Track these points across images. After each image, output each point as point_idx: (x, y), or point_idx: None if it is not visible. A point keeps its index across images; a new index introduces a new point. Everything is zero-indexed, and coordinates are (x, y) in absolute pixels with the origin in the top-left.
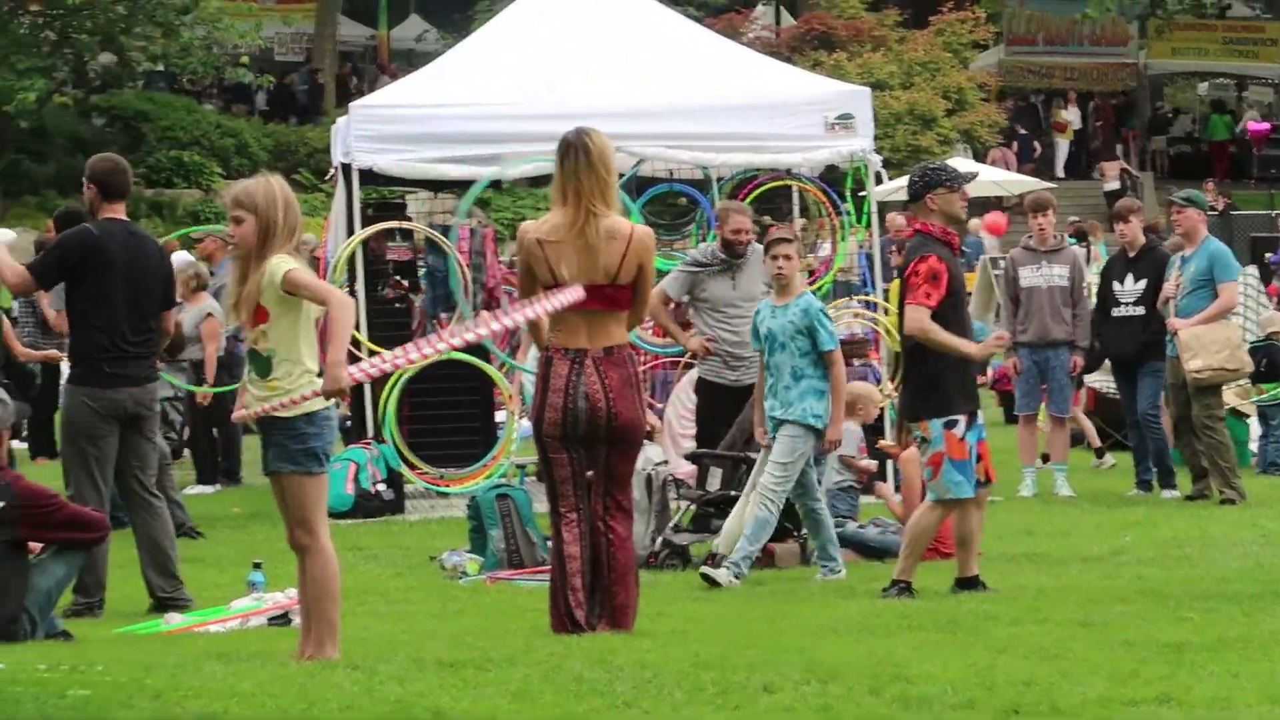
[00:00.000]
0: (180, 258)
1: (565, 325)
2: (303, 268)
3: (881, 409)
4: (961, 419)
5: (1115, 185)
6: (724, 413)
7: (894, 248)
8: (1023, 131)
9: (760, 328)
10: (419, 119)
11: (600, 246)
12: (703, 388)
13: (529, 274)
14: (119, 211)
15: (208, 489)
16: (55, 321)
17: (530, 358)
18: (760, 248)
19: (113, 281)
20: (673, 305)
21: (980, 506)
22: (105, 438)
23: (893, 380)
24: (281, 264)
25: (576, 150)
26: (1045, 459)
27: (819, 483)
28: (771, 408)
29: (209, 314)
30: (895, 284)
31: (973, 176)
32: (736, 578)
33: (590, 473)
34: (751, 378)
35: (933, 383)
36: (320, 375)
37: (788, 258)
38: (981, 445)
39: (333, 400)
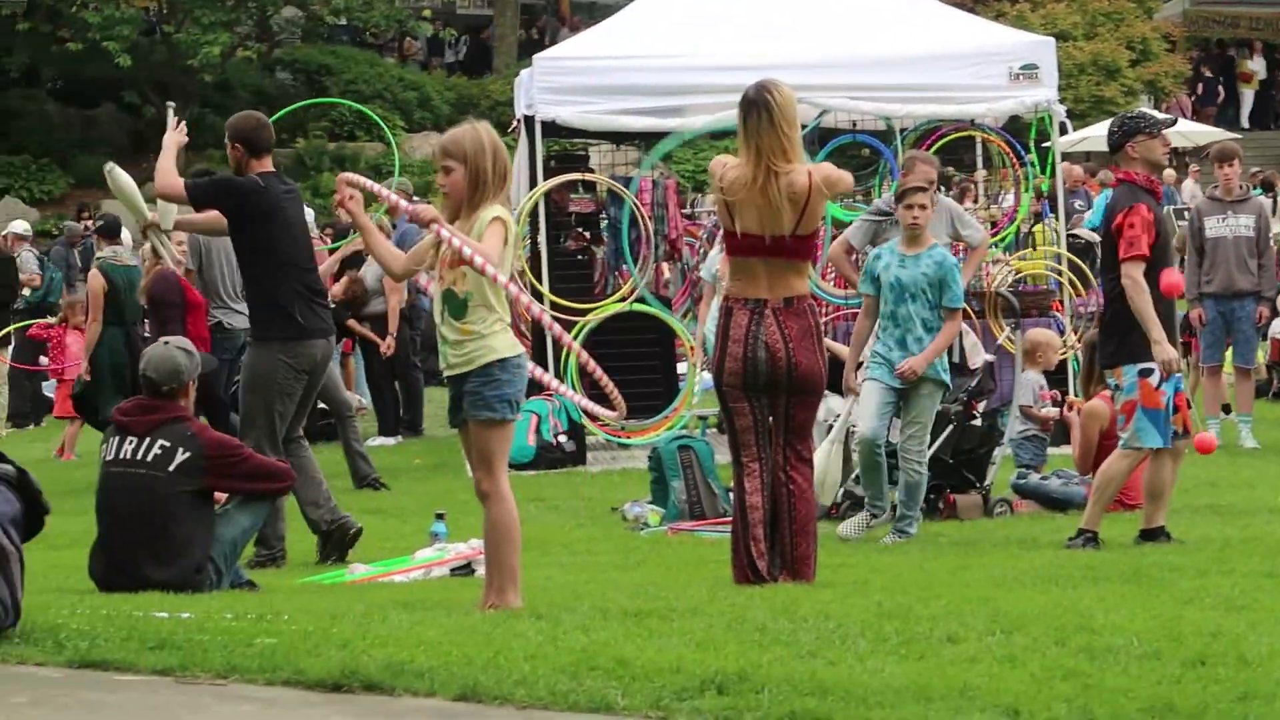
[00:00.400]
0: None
1: (745, 275)
2: (508, 218)
3: (1063, 360)
4: (1156, 367)
5: None
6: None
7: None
8: (1208, 74)
9: (883, 275)
10: (601, 71)
11: (782, 204)
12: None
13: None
14: (266, 165)
15: (390, 440)
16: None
17: (712, 310)
18: (947, 200)
19: (286, 231)
20: (854, 256)
21: (1176, 459)
22: (295, 394)
23: (1076, 333)
24: (491, 211)
25: (759, 108)
26: (1228, 410)
27: (1004, 436)
28: (897, 359)
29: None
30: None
31: (1173, 122)
32: (900, 534)
33: (771, 421)
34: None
35: (1129, 329)
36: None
37: (923, 207)
38: (1179, 397)
39: (521, 349)
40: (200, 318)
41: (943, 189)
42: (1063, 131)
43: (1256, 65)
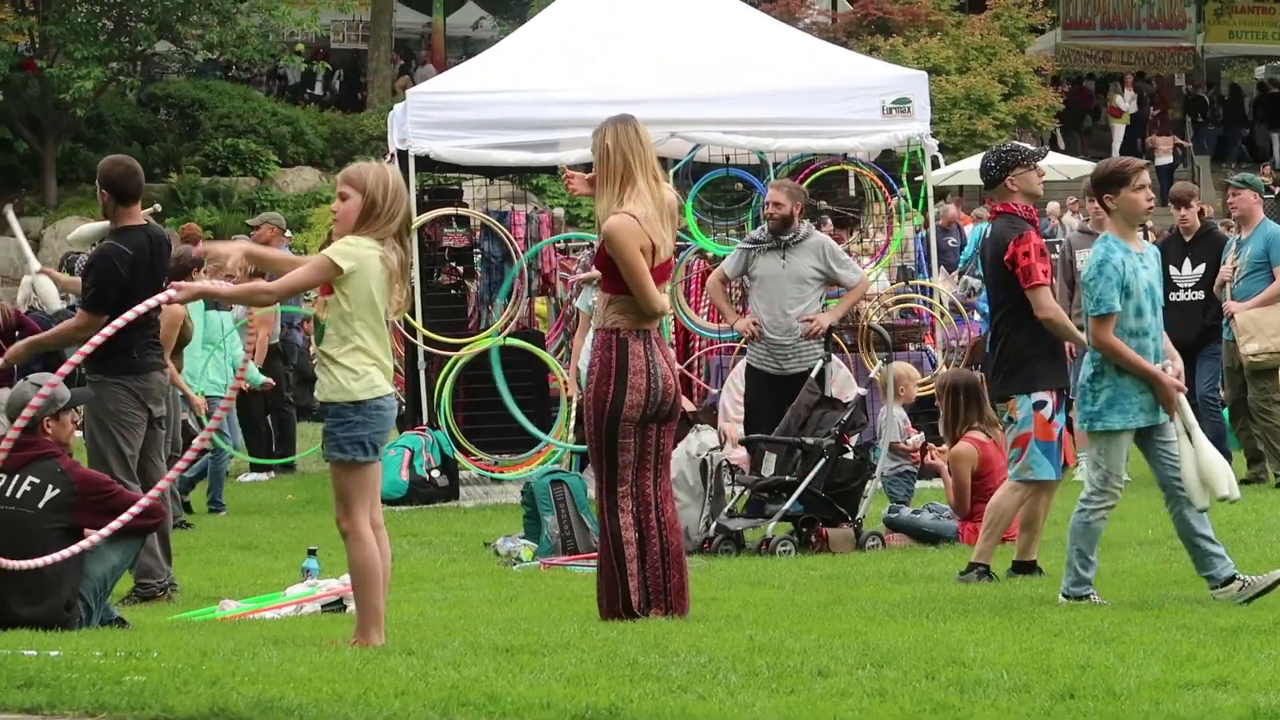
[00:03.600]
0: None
1: (632, 305)
2: (338, 258)
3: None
4: (1050, 399)
5: (1168, 160)
6: (767, 402)
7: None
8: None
9: (1132, 282)
10: (475, 105)
11: (669, 223)
12: (749, 375)
13: (637, 261)
14: (134, 213)
15: (262, 476)
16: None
17: (587, 342)
18: (821, 235)
19: (140, 284)
20: (729, 286)
21: (1052, 491)
22: (140, 427)
23: (948, 366)
24: (332, 249)
25: (634, 126)
26: None
27: (876, 470)
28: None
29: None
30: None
31: (1045, 152)
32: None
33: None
34: (798, 367)
35: (1020, 359)
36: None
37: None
38: (1064, 432)
39: (388, 390)
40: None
41: (814, 224)
42: (935, 165)
43: (1127, 100)
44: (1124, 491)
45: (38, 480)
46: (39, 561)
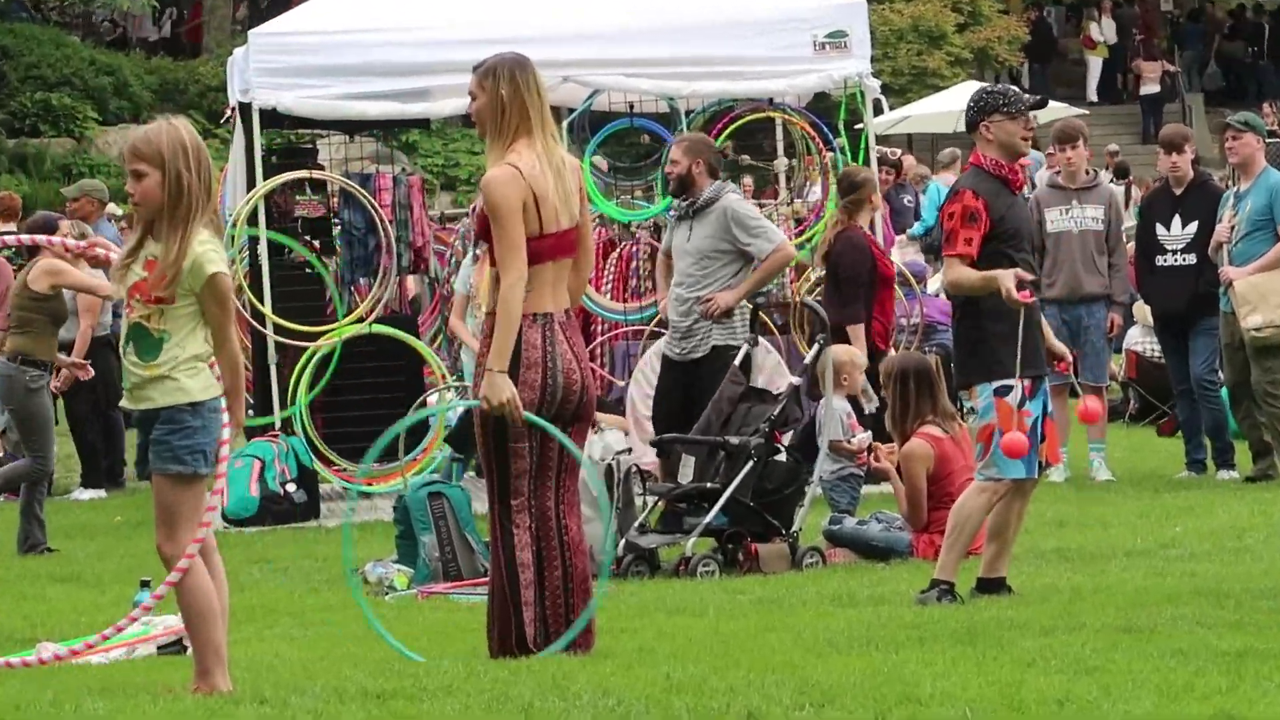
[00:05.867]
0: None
1: (531, 282)
2: (229, 273)
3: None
4: (1017, 385)
5: (1155, 89)
6: (671, 392)
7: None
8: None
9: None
10: (331, 48)
11: (572, 185)
12: (661, 364)
13: (513, 223)
14: None
15: (100, 493)
16: None
17: (470, 326)
18: (729, 200)
19: None
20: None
21: (1025, 496)
22: None
23: (895, 348)
24: (209, 259)
25: (528, 71)
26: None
27: (814, 473)
28: None
29: None
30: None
31: (1042, 102)
32: None
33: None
34: (695, 351)
35: (979, 340)
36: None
37: None
38: (1048, 423)
39: (220, 389)
40: None
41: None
42: (878, 110)
43: (1105, 29)
44: (1107, 495)
45: None
46: None
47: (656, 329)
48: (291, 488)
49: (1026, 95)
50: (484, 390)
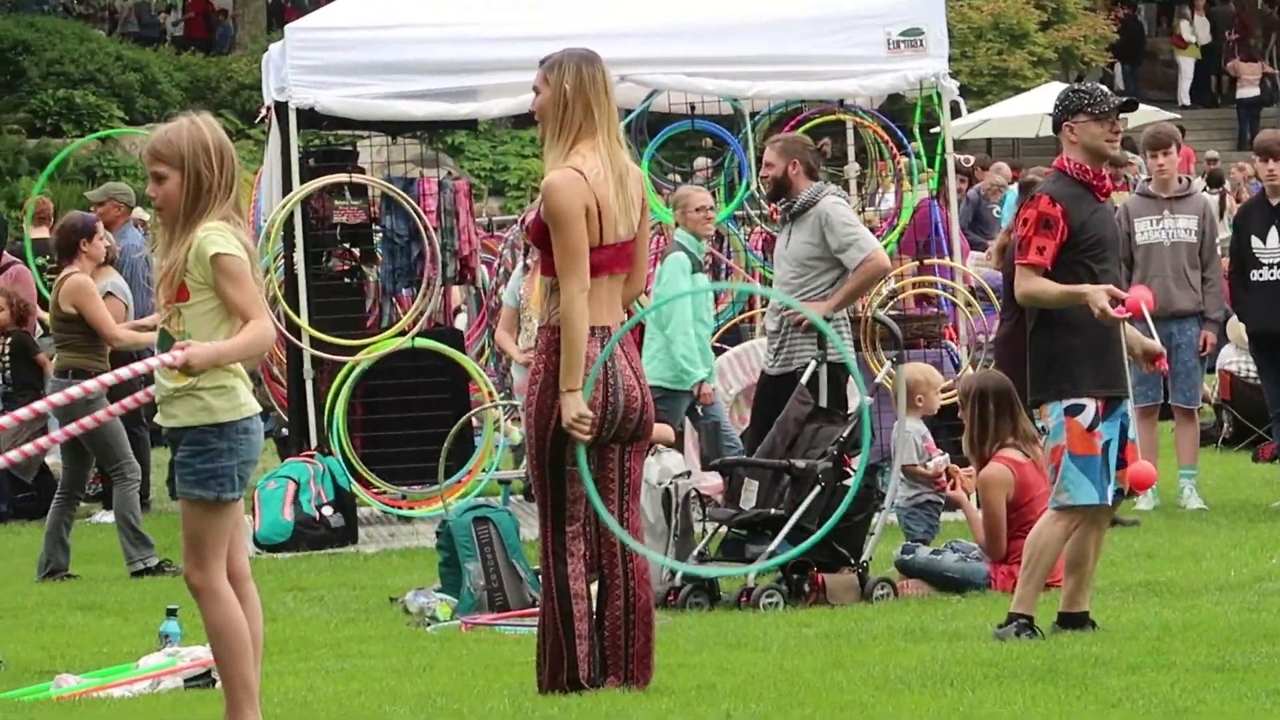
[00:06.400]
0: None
1: (590, 296)
2: (238, 252)
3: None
4: (1090, 404)
5: (1254, 92)
6: (762, 407)
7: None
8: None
9: None
10: (371, 44)
11: (635, 195)
12: (760, 376)
13: (576, 230)
14: None
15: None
16: None
17: (521, 341)
18: (827, 202)
19: None
20: None
21: (1102, 524)
22: None
23: (974, 367)
24: (211, 240)
25: (598, 68)
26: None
27: (885, 499)
28: None
29: (108, 293)
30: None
31: (1132, 105)
32: None
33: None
34: (800, 360)
35: (1052, 357)
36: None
37: None
38: (1129, 448)
39: (256, 409)
40: None
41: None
42: (955, 113)
43: (1198, 28)
44: (1198, 525)
45: None
46: None
47: (718, 345)
48: (328, 511)
49: (1114, 96)
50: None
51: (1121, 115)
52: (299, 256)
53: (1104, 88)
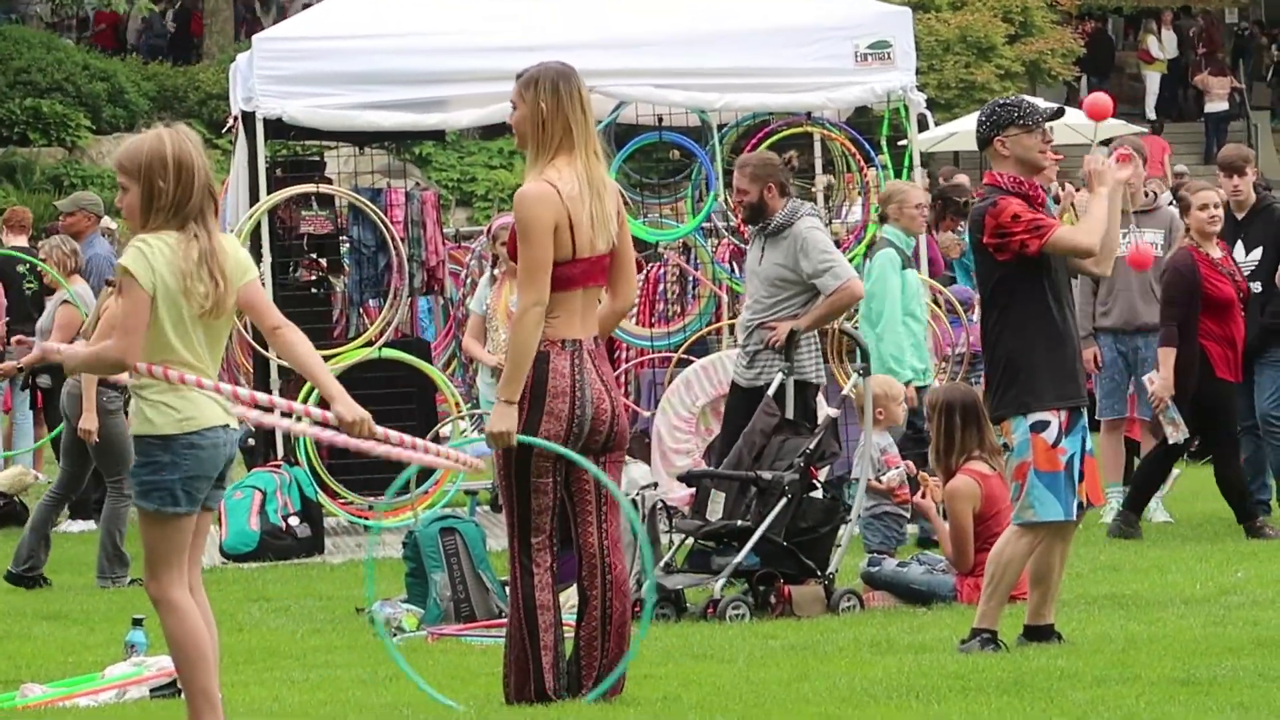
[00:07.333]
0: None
1: (562, 309)
2: (132, 266)
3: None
4: (1053, 419)
5: (1223, 106)
6: (735, 419)
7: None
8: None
9: None
10: (339, 54)
11: (611, 208)
12: (730, 387)
13: (541, 244)
14: None
15: (91, 525)
16: None
17: (492, 351)
18: (802, 225)
19: None
20: None
21: (1067, 537)
22: None
23: (941, 379)
24: (126, 252)
25: (574, 83)
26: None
27: (851, 510)
28: None
29: (64, 300)
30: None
31: (1059, 112)
32: None
33: (568, 493)
34: (770, 375)
35: (1013, 370)
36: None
37: None
38: (1088, 461)
39: (213, 421)
40: None
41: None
42: (923, 126)
43: (1165, 43)
44: (1164, 538)
45: None
46: None
47: (685, 356)
48: (294, 521)
49: (1043, 105)
50: (490, 422)
51: (1049, 124)
52: (266, 266)
53: (1030, 99)
